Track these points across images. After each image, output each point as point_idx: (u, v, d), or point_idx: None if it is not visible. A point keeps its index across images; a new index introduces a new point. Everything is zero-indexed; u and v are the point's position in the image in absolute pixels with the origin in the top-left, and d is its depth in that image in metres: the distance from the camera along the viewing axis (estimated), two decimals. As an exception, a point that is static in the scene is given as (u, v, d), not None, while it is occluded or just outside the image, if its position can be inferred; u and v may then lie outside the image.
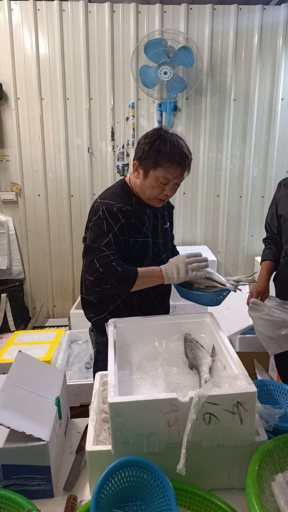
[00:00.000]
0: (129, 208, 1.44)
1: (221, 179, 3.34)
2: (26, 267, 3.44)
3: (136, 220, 1.46)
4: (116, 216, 1.41)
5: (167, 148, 1.36)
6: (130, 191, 1.50)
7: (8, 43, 3.01)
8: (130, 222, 1.44)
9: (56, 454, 1.04)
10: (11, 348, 2.17)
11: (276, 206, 2.06)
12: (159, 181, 1.41)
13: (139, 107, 3.18)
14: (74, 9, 3.00)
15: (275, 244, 2.07)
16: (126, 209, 1.43)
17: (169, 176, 1.39)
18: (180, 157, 1.37)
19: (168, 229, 1.65)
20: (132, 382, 1.08)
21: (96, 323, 1.61)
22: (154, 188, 1.42)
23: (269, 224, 2.11)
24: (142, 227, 1.49)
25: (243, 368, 1.00)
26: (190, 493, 0.90)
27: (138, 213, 1.48)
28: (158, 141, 1.37)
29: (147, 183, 1.43)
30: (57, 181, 3.29)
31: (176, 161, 1.37)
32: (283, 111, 3.22)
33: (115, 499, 0.86)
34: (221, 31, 3.08)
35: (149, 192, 1.44)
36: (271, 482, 0.87)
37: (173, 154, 1.36)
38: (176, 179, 1.42)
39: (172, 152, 1.36)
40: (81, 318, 2.87)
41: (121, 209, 1.42)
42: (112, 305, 1.53)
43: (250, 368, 2.44)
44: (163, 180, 1.40)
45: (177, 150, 1.37)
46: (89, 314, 1.62)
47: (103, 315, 1.55)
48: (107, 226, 1.40)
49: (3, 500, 0.88)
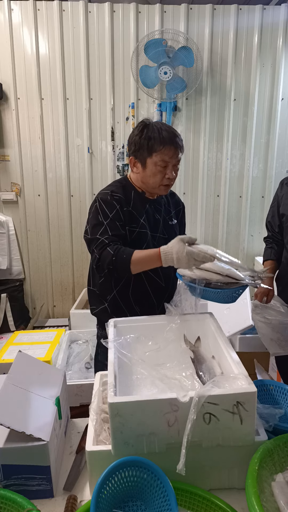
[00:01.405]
0: (122, 197, 1.50)
1: (221, 179, 3.34)
2: (26, 267, 3.44)
3: (133, 210, 1.52)
4: (111, 203, 1.47)
5: (155, 133, 1.44)
6: (129, 185, 1.57)
7: (8, 43, 3.01)
8: (127, 210, 1.50)
9: (56, 454, 1.04)
10: (11, 348, 2.17)
11: (277, 204, 2.05)
12: (158, 166, 1.46)
13: (139, 107, 3.18)
14: (74, 9, 3.00)
15: (276, 243, 2.07)
16: (119, 197, 1.50)
17: (166, 157, 1.45)
18: (170, 137, 1.44)
19: (174, 226, 1.66)
20: (132, 382, 1.08)
21: (97, 315, 1.66)
22: (155, 175, 1.48)
23: (270, 222, 2.11)
24: (140, 218, 1.53)
25: (243, 368, 1.00)
26: (190, 493, 0.90)
27: (136, 204, 1.53)
28: (145, 130, 1.46)
29: (148, 172, 1.48)
30: (57, 181, 3.29)
31: (168, 142, 1.44)
32: (283, 111, 3.22)
33: (115, 499, 0.86)
34: (221, 31, 3.08)
35: (152, 181, 1.49)
36: (271, 482, 0.87)
37: (163, 137, 1.44)
38: (173, 159, 1.47)
39: (161, 135, 1.44)
40: (81, 318, 2.89)
41: (114, 197, 1.49)
42: (109, 296, 1.57)
43: (250, 368, 2.44)
44: (162, 163, 1.46)
45: (165, 132, 1.44)
46: (92, 306, 1.68)
47: (103, 306, 1.60)
48: (102, 215, 1.46)
49: (3, 500, 0.88)
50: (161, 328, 1.31)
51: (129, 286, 1.53)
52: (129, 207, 1.51)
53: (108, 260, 1.36)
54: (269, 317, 1.82)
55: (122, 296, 1.55)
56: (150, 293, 1.56)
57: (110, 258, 1.36)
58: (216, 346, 1.20)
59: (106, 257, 1.37)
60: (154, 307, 1.56)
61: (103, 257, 1.38)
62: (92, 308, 1.66)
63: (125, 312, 1.56)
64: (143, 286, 1.53)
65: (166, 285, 1.59)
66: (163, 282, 1.56)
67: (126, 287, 1.53)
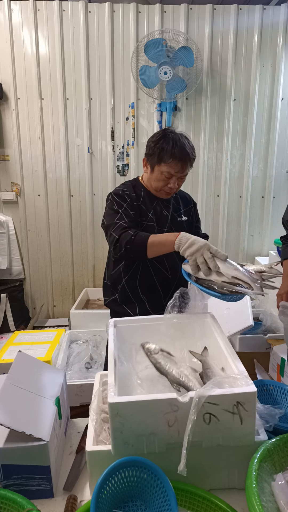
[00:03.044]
0: (133, 194, 1.64)
1: (221, 179, 3.34)
2: (26, 267, 3.44)
3: (143, 205, 1.64)
4: (123, 197, 1.61)
5: (169, 146, 1.53)
6: (139, 185, 1.71)
7: (8, 43, 3.01)
8: (137, 204, 1.62)
9: (56, 454, 1.04)
10: (11, 348, 2.17)
11: None
12: (163, 175, 1.58)
13: (139, 107, 3.18)
14: (74, 9, 3.00)
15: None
16: (130, 194, 1.63)
17: (172, 170, 1.56)
18: (180, 154, 1.53)
19: (184, 222, 1.74)
20: (132, 382, 1.08)
21: (108, 305, 1.76)
22: (159, 181, 1.60)
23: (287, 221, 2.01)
24: (148, 212, 1.65)
25: (243, 368, 1.00)
26: (190, 493, 0.90)
27: (145, 200, 1.66)
28: (162, 140, 1.55)
29: (153, 176, 1.61)
30: (57, 181, 3.29)
31: (177, 157, 1.53)
32: (283, 111, 3.23)
33: (115, 499, 0.86)
34: (221, 31, 3.08)
35: (155, 185, 1.62)
36: (271, 482, 0.87)
37: (175, 152, 1.52)
38: (178, 174, 1.58)
39: (174, 149, 1.52)
40: (81, 318, 2.89)
41: (125, 192, 1.63)
42: (119, 285, 1.66)
43: (250, 368, 2.44)
44: (167, 174, 1.57)
45: (178, 148, 1.53)
46: (105, 297, 1.79)
47: (114, 296, 1.71)
48: (117, 205, 1.58)
49: (3, 500, 0.88)
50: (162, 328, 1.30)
51: (137, 276, 1.63)
52: (139, 202, 1.64)
53: (127, 239, 1.44)
54: None
55: (130, 286, 1.65)
56: (157, 284, 1.65)
57: (129, 237, 1.44)
58: (216, 346, 1.20)
59: (125, 237, 1.45)
60: (161, 298, 1.65)
61: (123, 236, 1.45)
62: (105, 299, 1.77)
63: (133, 301, 1.66)
64: (150, 277, 1.63)
65: (172, 276, 1.67)
66: (170, 273, 1.65)
67: (133, 278, 1.64)
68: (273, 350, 2.38)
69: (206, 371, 1.06)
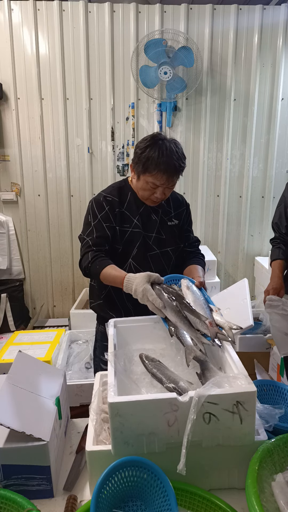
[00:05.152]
0: (116, 199, 1.56)
1: (221, 179, 3.34)
2: (26, 267, 3.44)
3: (127, 211, 1.57)
4: (101, 205, 1.55)
5: (155, 156, 1.43)
6: (127, 187, 1.62)
7: (8, 43, 3.01)
8: (119, 211, 1.55)
9: (56, 454, 1.04)
10: (11, 348, 2.17)
11: (285, 205, 2.04)
12: (149, 185, 1.50)
13: (139, 107, 3.18)
14: (74, 9, 3.00)
15: (284, 244, 2.05)
16: (112, 199, 1.56)
17: (157, 182, 1.48)
18: (166, 166, 1.44)
19: (174, 226, 1.66)
20: (132, 382, 1.08)
21: (94, 308, 1.71)
22: (145, 190, 1.52)
23: (277, 224, 2.09)
24: (133, 218, 1.57)
25: (243, 368, 1.00)
26: (190, 493, 0.90)
27: (131, 205, 1.58)
28: (149, 148, 1.45)
29: (139, 184, 1.53)
30: (57, 181, 3.29)
31: (162, 169, 1.44)
32: (283, 111, 3.22)
33: (115, 499, 0.86)
34: (221, 31, 3.08)
35: (141, 193, 1.55)
36: (271, 482, 0.87)
37: (160, 163, 1.43)
38: (164, 185, 1.49)
39: (159, 160, 1.43)
40: (81, 318, 2.89)
41: (106, 199, 1.56)
42: (105, 291, 1.62)
43: (250, 368, 2.44)
44: (152, 185, 1.49)
45: (164, 158, 1.43)
46: (91, 300, 1.73)
47: (100, 301, 1.66)
48: (92, 216, 1.55)
49: (3, 500, 0.88)
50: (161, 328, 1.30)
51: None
52: (122, 208, 1.57)
53: (84, 264, 1.49)
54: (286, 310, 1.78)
55: (116, 292, 1.59)
56: None
57: (86, 263, 1.48)
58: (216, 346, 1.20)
59: (85, 260, 1.49)
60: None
61: (84, 259, 1.50)
62: (91, 301, 1.73)
63: (118, 307, 1.61)
64: None
65: None
66: None
67: None
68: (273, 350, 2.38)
69: (204, 372, 1.07)
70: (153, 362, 1.12)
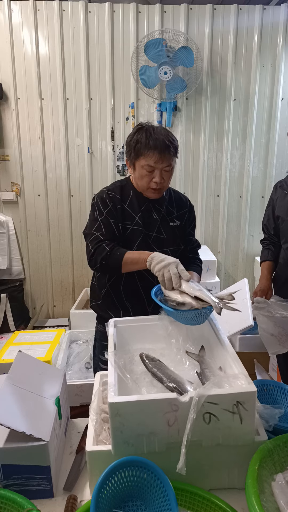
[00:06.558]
0: (118, 196, 1.57)
1: (221, 179, 3.34)
2: (26, 267, 3.44)
3: (129, 208, 1.57)
4: (104, 201, 1.55)
5: (143, 137, 1.47)
6: (129, 185, 1.62)
7: (8, 43, 3.01)
8: (121, 208, 1.56)
9: (56, 454, 1.04)
10: (11, 348, 2.17)
11: (272, 208, 2.10)
12: (144, 169, 1.49)
13: (139, 107, 3.18)
14: (74, 9, 3.00)
15: (273, 245, 2.10)
16: (114, 196, 1.56)
17: (151, 162, 1.47)
18: (155, 142, 1.45)
19: (176, 227, 1.64)
20: (132, 382, 1.08)
21: (93, 307, 1.72)
22: (143, 177, 1.51)
23: (266, 225, 2.15)
24: (135, 215, 1.57)
25: (243, 368, 1.00)
26: (190, 493, 0.90)
27: (133, 203, 1.58)
28: (137, 133, 1.50)
29: (137, 174, 1.53)
30: (57, 181, 3.29)
31: (152, 146, 1.45)
32: (283, 111, 3.22)
33: (115, 499, 0.86)
34: (221, 31, 3.08)
35: (140, 183, 1.54)
36: (271, 482, 0.87)
37: (149, 142, 1.46)
38: (159, 165, 1.48)
39: (148, 140, 1.46)
40: (81, 318, 2.89)
41: (109, 195, 1.56)
42: (104, 290, 1.62)
43: (250, 368, 2.44)
44: (148, 168, 1.48)
45: (153, 136, 1.46)
46: (91, 299, 1.73)
47: (99, 300, 1.66)
48: (98, 212, 1.55)
49: (3, 500, 0.88)
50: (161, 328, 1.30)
51: (121, 282, 1.59)
52: (124, 205, 1.57)
53: (102, 255, 1.45)
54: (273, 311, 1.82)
55: (115, 291, 1.60)
56: (141, 290, 1.58)
57: (105, 254, 1.45)
58: (216, 346, 1.20)
59: (100, 252, 1.46)
60: (145, 304, 1.59)
61: (98, 251, 1.47)
62: (91, 300, 1.73)
63: (117, 307, 1.61)
64: (134, 283, 1.57)
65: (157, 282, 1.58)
66: (154, 279, 1.52)
67: (117, 283, 1.59)
68: (273, 350, 2.37)
69: (204, 371, 1.07)
70: (153, 361, 1.12)
